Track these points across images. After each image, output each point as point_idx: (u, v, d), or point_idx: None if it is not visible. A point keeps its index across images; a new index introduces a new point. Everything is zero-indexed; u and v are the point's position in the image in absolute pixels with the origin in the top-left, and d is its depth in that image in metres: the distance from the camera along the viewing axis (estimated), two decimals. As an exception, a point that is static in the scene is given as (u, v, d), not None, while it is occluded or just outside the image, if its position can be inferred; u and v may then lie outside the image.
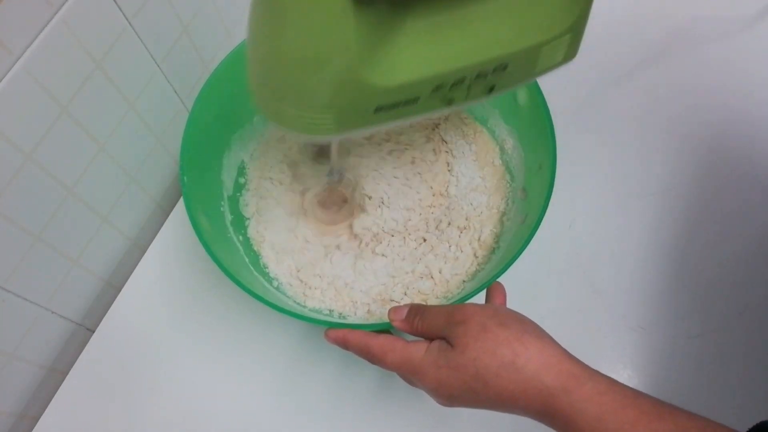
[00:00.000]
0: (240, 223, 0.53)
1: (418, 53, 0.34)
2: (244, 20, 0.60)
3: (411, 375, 0.37)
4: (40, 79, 0.40)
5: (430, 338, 0.37)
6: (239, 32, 0.61)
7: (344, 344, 0.40)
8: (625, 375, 0.49)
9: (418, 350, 0.37)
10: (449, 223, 0.53)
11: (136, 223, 0.57)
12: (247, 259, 0.51)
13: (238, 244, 0.51)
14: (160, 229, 0.58)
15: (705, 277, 0.54)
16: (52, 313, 0.50)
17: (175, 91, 0.54)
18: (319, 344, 0.52)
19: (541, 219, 0.44)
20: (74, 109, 0.44)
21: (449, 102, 0.37)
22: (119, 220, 0.54)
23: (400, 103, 0.35)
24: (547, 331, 0.37)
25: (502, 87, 0.37)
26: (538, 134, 0.49)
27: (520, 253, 0.43)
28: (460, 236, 0.52)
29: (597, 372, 0.33)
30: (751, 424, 0.33)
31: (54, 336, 0.52)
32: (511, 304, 0.40)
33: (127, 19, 0.45)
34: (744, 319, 0.51)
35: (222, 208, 0.52)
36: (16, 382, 0.49)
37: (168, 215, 0.59)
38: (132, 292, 0.55)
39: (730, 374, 0.49)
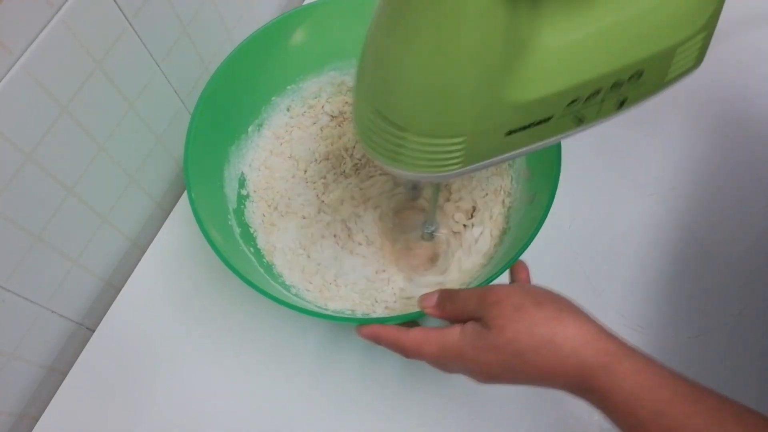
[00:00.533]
0: (248, 235, 0.53)
1: (555, 65, 0.32)
2: (244, 20, 0.61)
3: (449, 360, 0.37)
4: (40, 79, 0.40)
5: (462, 321, 0.38)
6: (239, 32, 0.61)
7: (376, 340, 0.41)
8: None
9: (452, 335, 0.37)
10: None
11: (136, 223, 0.57)
12: (261, 270, 0.50)
13: (251, 256, 0.50)
14: (160, 229, 0.58)
15: (705, 277, 0.53)
16: (52, 312, 0.50)
17: (175, 91, 0.54)
18: (322, 342, 0.52)
19: (553, 195, 0.44)
20: (74, 109, 0.44)
21: (580, 121, 0.35)
22: (119, 220, 0.54)
23: (533, 124, 0.33)
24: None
25: (632, 100, 0.36)
26: None
27: (537, 232, 0.43)
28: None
29: (634, 349, 0.34)
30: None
31: (54, 336, 0.52)
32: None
33: (127, 19, 0.45)
34: (744, 319, 0.51)
35: (230, 222, 0.51)
36: (16, 382, 0.49)
37: (168, 215, 0.59)
38: (132, 292, 0.55)
39: (730, 374, 0.49)
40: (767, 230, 0.55)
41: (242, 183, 0.55)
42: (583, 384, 0.33)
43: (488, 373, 0.36)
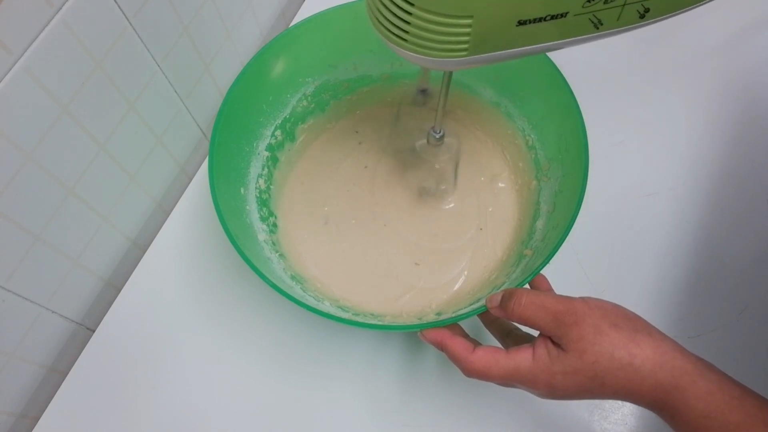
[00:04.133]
0: (283, 259, 0.52)
1: None
2: (244, 20, 0.61)
3: (518, 383, 0.37)
4: (40, 79, 0.40)
5: (530, 326, 0.37)
6: (239, 32, 0.61)
7: (441, 347, 0.40)
8: (625, 375, 0.49)
9: (524, 359, 0.37)
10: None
11: (136, 223, 0.57)
12: (293, 283, 0.50)
13: (289, 281, 0.49)
14: (160, 229, 0.58)
15: (705, 277, 0.53)
16: (53, 312, 0.50)
17: (175, 91, 0.54)
18: (327, 342, 0.52)
19: (586, 180, 0.45)
20: (74, 109, 0.44)
21: (598, 24, 0.33)
22: (119, 220, 0.54)
23: (547, 17, 0.31)
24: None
25: (657, 11, 0.34)
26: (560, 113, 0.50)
27: (572, 224, 0.44)
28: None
29: (708, 367, 0.34)
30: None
31: (54, 336, 0.52)
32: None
33: (127, 19, 0.45)
34: (744, 319, 0.51)
35: (261, 248, 0.50)
36: (16, 382, 0.49)
37: (168, 215, 0.59)
38: (132, 292, 0.55)
39: (729, 374, 0.49)
40: (767, 230, 0.55)
41: (264, 202, 0.54)
42: (654, 401, 0.34)
43: (561, 394, 0.36)
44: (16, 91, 0.38)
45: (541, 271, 0.43)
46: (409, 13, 0.31)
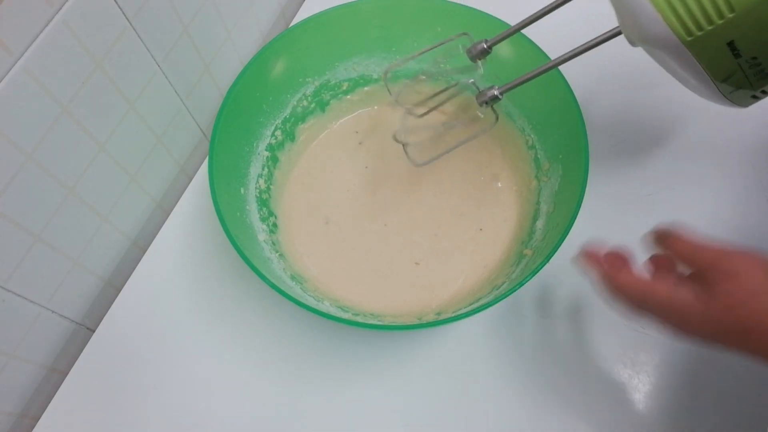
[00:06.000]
0: (283, 259, 0.52)
1: None
2: (244, 20, 0.61)
3: (670, 314, 0.37)
4: (40, 79, 0.40)
5: (688, 265, 0.38)
6: (239, 32, 0.61)
7: (635, 293, 0.39)
8: (625, 375, 0.49)
9: (688, 293, 0.36)
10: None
11: (137, 223, 0.57)
12: (293, 283, 0.50)
13: (289, 281, 0.49)
14: (160, 229, 0.58)
15: (705, 277, 0.53)
16: (53, 312, 0.50)
17: (175, 91, 0.54)
18: (322, 342, 0.52)
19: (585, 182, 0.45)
20: (74, 109, 0.44)
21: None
22: (119, 220, 0.54)
23: (736, 53, 0.34)
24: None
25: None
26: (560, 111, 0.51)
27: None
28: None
29: None
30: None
31: (54, 336, 0.52)
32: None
33: (127, 19, 0.45)
34: (744, 319, 0.51)
35: (261, 248, 0.50)
36: (16, 382, 0.49)
37: (168, 215, 0.59)
38: (132, 292, 0.55)
39: (730, 374, 0.49)
40: (767, 230, 0.55)
41: (264, 202, 0.54)
42: None
43: (699, 336, 0.36)
44: (16, 91, 0.38)
45: (541, 271, 0.43)
46: None
